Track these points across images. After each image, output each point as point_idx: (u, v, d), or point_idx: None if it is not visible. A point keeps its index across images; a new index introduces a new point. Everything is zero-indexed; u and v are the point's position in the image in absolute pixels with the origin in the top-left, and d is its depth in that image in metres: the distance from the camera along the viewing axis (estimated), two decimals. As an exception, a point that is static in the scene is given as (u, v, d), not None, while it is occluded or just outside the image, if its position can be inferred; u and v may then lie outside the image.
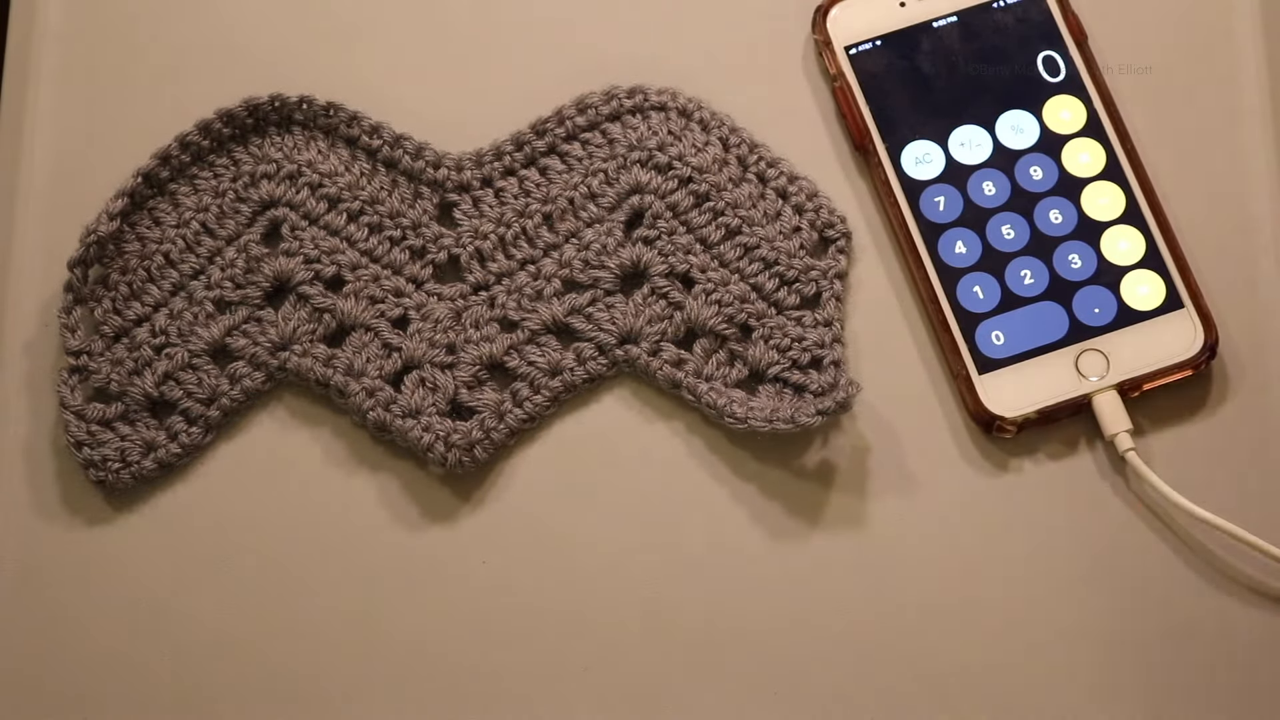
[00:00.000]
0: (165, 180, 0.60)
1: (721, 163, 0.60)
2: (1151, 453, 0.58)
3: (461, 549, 0.58)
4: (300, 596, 0.57)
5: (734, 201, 0.59)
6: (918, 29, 0.62)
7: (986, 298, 0.59)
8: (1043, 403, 0.58)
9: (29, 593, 0.57)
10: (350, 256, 0.59)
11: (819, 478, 0.58)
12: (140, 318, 0.59)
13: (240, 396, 0.58)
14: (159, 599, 0.57)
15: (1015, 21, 0.61)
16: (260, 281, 0.59)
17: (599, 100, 0.61)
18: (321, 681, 0.57)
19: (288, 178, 0.60)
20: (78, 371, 0.58)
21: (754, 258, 0.59)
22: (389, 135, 0.60)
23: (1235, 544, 0.56)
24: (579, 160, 0.61)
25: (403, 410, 0.58)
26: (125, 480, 0.57)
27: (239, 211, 0.60)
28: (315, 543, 0.58)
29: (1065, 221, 0.59)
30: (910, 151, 0.60)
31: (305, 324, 0.59)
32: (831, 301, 0.59)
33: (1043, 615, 0.57)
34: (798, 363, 0.58)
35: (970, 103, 0.61)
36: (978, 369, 0.58)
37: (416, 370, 0.58)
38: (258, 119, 0.61)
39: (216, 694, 0.57)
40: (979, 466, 0.58)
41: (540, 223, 0.60)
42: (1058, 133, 0.60)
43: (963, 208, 0.60)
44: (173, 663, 0.57)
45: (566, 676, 0.57)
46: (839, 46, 0.62)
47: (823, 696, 0.56)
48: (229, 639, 0.57)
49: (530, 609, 0.57)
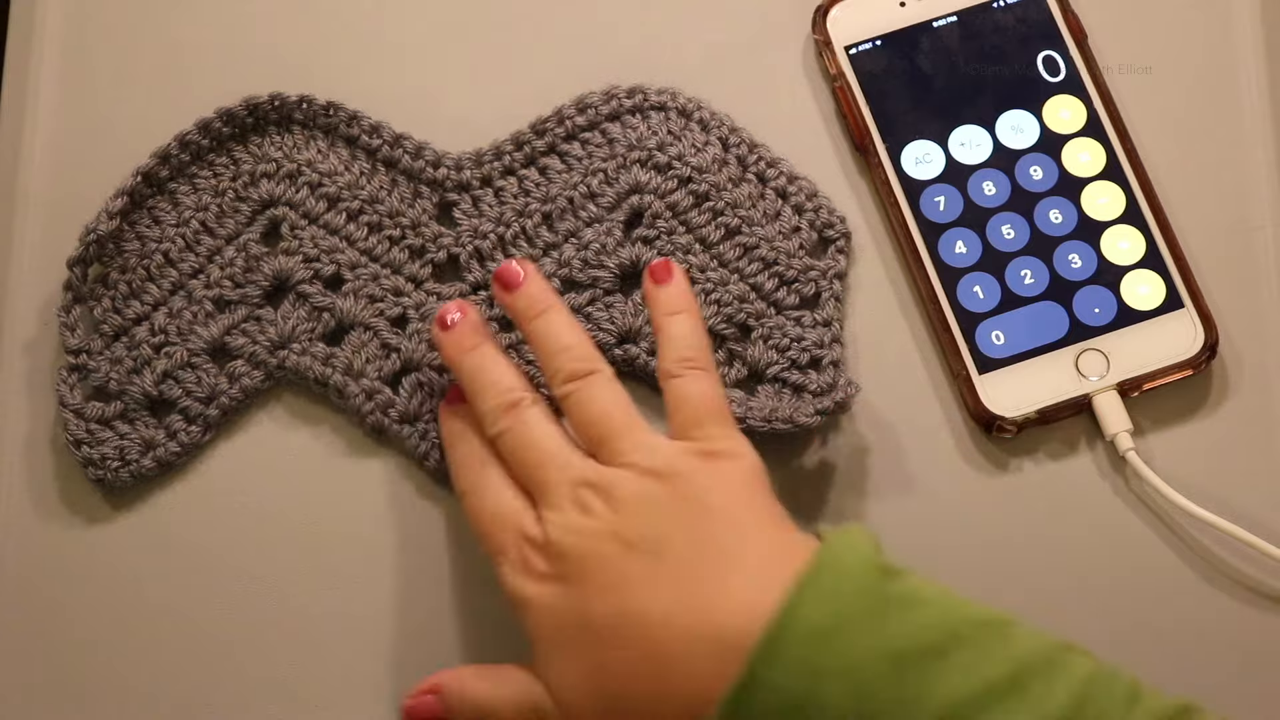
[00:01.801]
0: (165, 179, 0.60)
1: (721, 163, 0.60)
2: (1151, 453, 0.58)
3: (460, 549, 0.58)
4: (299, 595, 0.57)
5: (733, 201, 0.59)
6: (918, 29, 0.62)
7: (987, 298, 0.59)
8: (1043, 403, 0.58)
9: (28, 591, 0.57)
10: (349, 255, 0.59)
11: (818, 478, 0.58)
12: (139, 316, 0.59)
13: (239, 395, 0.58)
14: (158, 597, 0.57)
15: (1015, 21, 0.61)
16: (259, 280, 0.59)
17: (599, 100, 0.61)
18: (320, 681, 0.57)
19: (287, 177, 0.60)
20: (77, 370, 0.58)
21: (753, 258, 0.59)
22: (389, 134, 0.60)
23: (1235, 544, 0.56)
24: (578, 160, 0.61)
25: (400, 415, 0.58)
26: (124, 479, 0.57)
27: (238, 210, 0.60)
28: (314, 541, 0.58)
29: (1065, 221, 0.59)
30: (910, 151, 0.60)
31: (304, 323, 0.59)
32: (831, 301, 0.59)
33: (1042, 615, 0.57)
34: (797, 363, 0.58)
35: (970, 102, 0.61)
36: (978, 369, 0.58)
37: (415, 373, 0.58)
38: (257, 118, 0.61)
39: (215, 692, 0.57)
40: (979, 466, 0.58)
41: (540, 222, 0.60)
42: (1058, 132, 0.60)
43: (963, 208, 0.60)
44: (172, 661, 0.57)
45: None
46: (839, 46, 0.62)
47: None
48: (228, 637, 0.57)
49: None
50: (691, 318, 0.54)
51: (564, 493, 0.51)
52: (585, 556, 0.50)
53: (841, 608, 0.46)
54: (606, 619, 0.49)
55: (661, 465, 0.51)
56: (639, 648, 0.48)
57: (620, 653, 0.49)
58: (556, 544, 0.50)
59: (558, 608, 0.50)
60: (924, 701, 0.45)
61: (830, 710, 0.45)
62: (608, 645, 0.49)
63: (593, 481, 0.51)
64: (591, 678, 0.49)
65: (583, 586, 0.49)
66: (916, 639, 0.46)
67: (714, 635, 0.47)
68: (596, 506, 0.50)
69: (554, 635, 0.50)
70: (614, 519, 0.50)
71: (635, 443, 0.52)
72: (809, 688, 0.45)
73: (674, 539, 0.49)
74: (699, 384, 0.53)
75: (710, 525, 0.50)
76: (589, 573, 0.49)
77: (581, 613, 0.49)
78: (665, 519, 0.50)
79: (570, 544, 0.50)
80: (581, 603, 0.49)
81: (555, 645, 0.50)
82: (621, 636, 0.49)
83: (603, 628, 0.49)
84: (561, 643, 0.50)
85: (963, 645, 0.46)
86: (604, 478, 0.51)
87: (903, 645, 0.45)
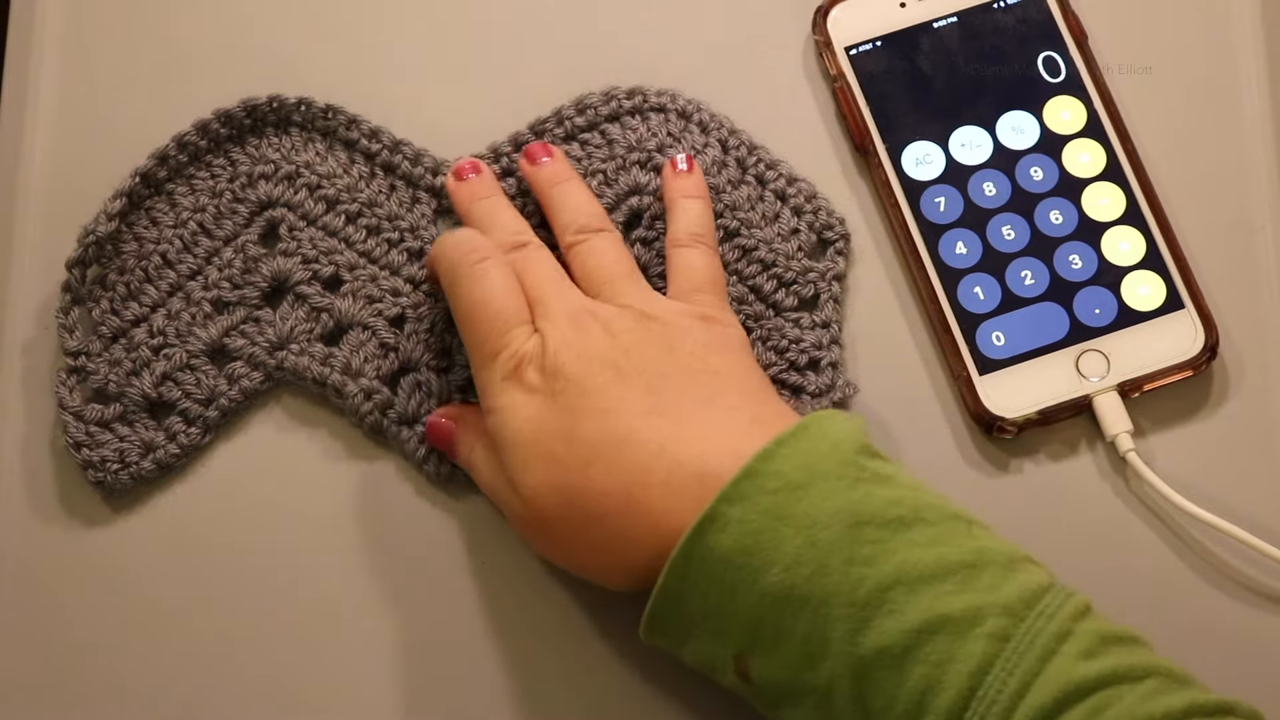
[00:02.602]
0: (163, 180, 0.60)
1: (720, 165, 0.60)
2: (1152, 453, 0.58)
3: (460, 550, 0.58)
4: (298, 598, 0.57)
5: (733, 204, 0.59)
6: (918, 29, 0.61)
7: (987, 298, 0.59)
8: (1043, 403, 0.58)
9: (27, 593, 0.57)
10: (348, 257, 0.59)
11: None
12: (138, 318, 0.59)
13: (238, 397, 0.58)
14: (157, 600, 0.57)
15: (1015, 22, 0.61)
16: (258, 282, 0.59)
17: (598, 101, 0.61)
18: (320, 682, 0.57)
19: (285, 178, 0.60)
20: (76, 372, 0.58)
21: (752, 259, 0.59)
22: (388, 139, 0.60)
23: (1235, 544, 0.56)
24: (577, 161, 0.60)
25: (399, 417, 0.57)
26: (124, 481, 0.57)
27: (236, 212, 0.60)
28: (313, 543, 0.58)
29: (1066, 222, 0.59)
30: (911, 152, 0.60)
31: (303, 323, 0.59)
32: (829, 303, 0.59)
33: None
34: (795, 364, 0.58)
35: (971, 103, 0.61)
36: (978, 370, 0.58)
37: (413, 373, 0.58)
38: (255, 120, 0.61)
39: (215, 694, 0.57)
40: (979, 467, 0.58)
41: (539, 224, 0.60)
42: (1058, 133, 0.60)
43: (963, 208, 0.60)
44: (171, 663, 0.57)
45: (567, 677, 0.57)
46: (839, 47, 0.61)
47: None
48: (227, 639, 0.57)
49: (529, 611, 0.57)
50: (707, 206, 0.57)
51: (565, 315, 0.53)
52: (582, 377, 0.51)
53: (814, 465, 0.48)
54: (597, 439, 0.50)
55: (660, 313, 0.53)
56: (627, 472, 0.49)
57: (606, 473, 0.50)
58: (553, 358, 0.51)
59: (543, 420, 0.51)
60: (875, 564, 0.46)
61: (782, 556, 0.47)
62: (593, 464, 0.50)
63: (593, 311, 0.53)
64: (565, 491, 0.50)
65: (575, 404, 0.50)
66: (881, 511, 0.47)
67: (698, 470, 0.49)
68: (595, 332, 0.52)
69: (532, 445, 0.51)
70: (612, 346, 0.52)
71: (636, 289, 0.54)
72: (766, 529, 0.47)
73: (670, 379, 0.51)
74: (704, 257, 0.56)
75: (705, 376, 0.52)
76: (586, 393, 0.51)
77: (569, 429, 0.50)
78: (662, 359, 0.52)
79: (566, 360, 0.51)
80: (570, 420, 0.50)
81: (533, 455, 0.51)
82: (610, 458, 0.50)
83: (591, 446, 0.50)
84: (540, 455, 0.51)
85: (925, 525, 0.47)
86: (605, 310, 0.53)
87: (866, 511, 0.47)
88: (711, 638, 0.49)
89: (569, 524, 0.51)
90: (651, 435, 0.50)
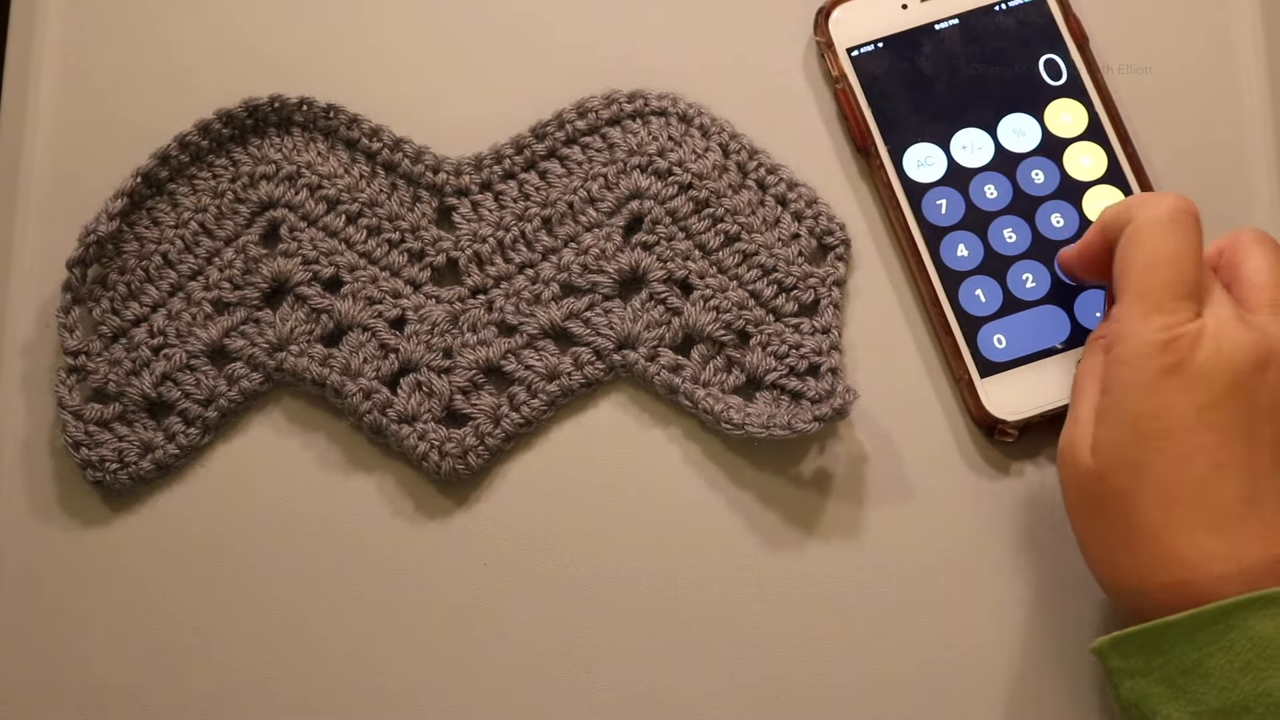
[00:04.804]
0: (164, 180, 0.60)
1: (721, 169, 0.60)
2: (1152, 457, 0.58)
3: (459, 552, 0.58)
4: (297, 598, 0.57)
5: (733, 208, 0.59)
6: (920, 31, 0.61)
7: (988, 301, 0.59)
8: (1045, 406, 0.57)
9: (26, 593, 0.58)
10: (349, 258, 0.59)
11: (816, 485, 0.58)
12: (138, 318, 0.59)
13: (238, 398, 0.58)
14: (156, 600, 0.57)
15: (1017, 24, 0.61)
16: (258, 282, 0.59)
17: (599, 104, 0.61)
18: (319, 682, 0.57)
19: (287, 179, 0.60)
20: (76, 372, 0.58)
21: (752, 264, 0.59)
22: (389, 139, 0.60)
23: (1236, 549, 0.56)
24: (578, 164, 0.60)
25: (398, 415, 0.57)
26: (123, 481, 0.57)
27: (237, 212, 0.60)
28: (312, 544, 0.58)
29: (1067, 225, 0.59)
30: (912, 154, 0.60)
31: (303, 324, 0.59)
32: (830, 308, 0.59)
33: (1045, 617, 0.57)
34: (795, 369, 0.58)
35: (972, 106, 0.61)
36: (979, 372, 0.58)
37: (413, 374, 0.58)
38: (257, 120, 0.61)
39: (213, 694, 0.57)
40: (980, 470, 0.58)
41: (539, 227, 0.60)
42: (1059, 136, 0.60)
43: (964, 211, 0.59)
44: (170, 663, 0.57)
45: (567, 678, 0.57)
46: (841, 48, 0.61)
47: (822, 701, 0.56)
48: (226, 640, 0.57)
49: (529, 612, 0.57)
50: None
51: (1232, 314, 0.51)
52: (1235, 385, 0.49)
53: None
54: (1203, 439, 0.49)
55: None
56: (1209, 483, 0.49)
57: (1187, 472, 0.49)
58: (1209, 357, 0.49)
59: (1169, 398, 0.49)
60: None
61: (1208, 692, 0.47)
62: (1185, 461, 0.49)
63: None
64: (1137, 469, 0.49)
65: (1209, 401, 0.49)
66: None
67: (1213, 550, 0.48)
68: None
69: (1137, 413, 0.50)
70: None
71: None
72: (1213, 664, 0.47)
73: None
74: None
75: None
76: (1223, 401, 0.49)
77: (1185, 416, 0.49)
78: None
79: (1226, 360, 0.49)
80: (1190, 413, 0.49)
81: (1130, 422, 0.50)
82: (1199, 461, 0.49)
83: (1199, 448, 0.49)
84: (1143, 431, 0.49)
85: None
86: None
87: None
88: (1180, 696, 0.49)
89: (1121, 495, 0.50)
90: (1233, 478, 0.49)
